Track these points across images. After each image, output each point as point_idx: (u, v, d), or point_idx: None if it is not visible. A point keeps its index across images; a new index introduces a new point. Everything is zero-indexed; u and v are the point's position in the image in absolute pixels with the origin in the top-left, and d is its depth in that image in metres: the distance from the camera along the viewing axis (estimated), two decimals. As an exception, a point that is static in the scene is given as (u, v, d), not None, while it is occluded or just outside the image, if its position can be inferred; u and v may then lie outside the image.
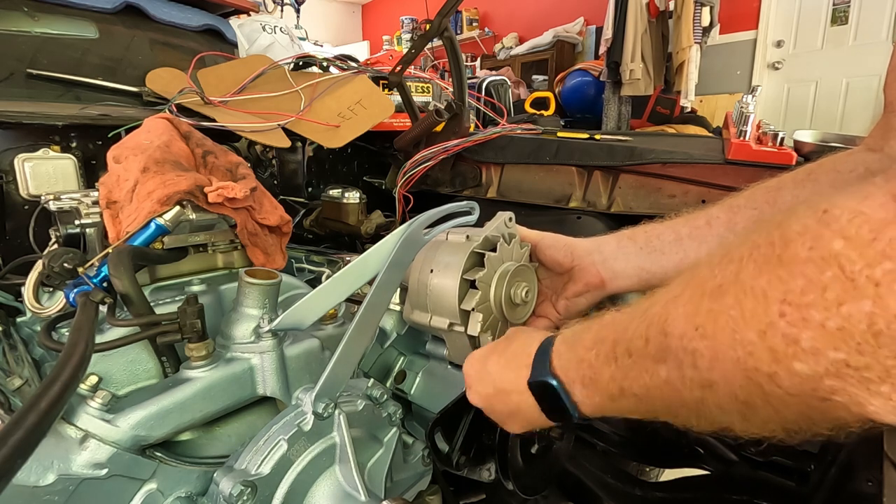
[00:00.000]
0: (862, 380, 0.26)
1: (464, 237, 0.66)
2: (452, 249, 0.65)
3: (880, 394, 0.26)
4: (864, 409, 0.27)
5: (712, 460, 0.90)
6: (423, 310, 0.67)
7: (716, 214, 0.65)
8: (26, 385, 0.61)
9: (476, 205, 0.68)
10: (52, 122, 0.99)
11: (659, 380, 0.37)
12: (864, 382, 0.26)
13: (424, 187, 1.39)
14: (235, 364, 0.58)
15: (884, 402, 0.26)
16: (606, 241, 0.70)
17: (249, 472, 0.49)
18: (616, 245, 0.69)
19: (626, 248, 0.68)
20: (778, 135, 1.04)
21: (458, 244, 0.66)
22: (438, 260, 0.65)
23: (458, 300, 0.63)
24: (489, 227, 0.68)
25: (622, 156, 1.14)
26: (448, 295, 0.63)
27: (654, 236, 0.67)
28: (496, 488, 0.80)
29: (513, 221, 0.70)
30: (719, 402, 0.34)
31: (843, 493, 0.66)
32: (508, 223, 0.69)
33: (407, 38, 6.66)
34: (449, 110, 1.30)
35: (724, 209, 0.65)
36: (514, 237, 0.69)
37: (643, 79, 3.84)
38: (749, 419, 0.34)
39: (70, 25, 1.39)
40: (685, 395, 0.36)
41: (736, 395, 0.32)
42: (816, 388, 0.28)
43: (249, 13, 2.18)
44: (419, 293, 0.66)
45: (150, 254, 0.66)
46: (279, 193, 1.44)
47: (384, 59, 2.22)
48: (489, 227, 0.68)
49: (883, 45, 3.68)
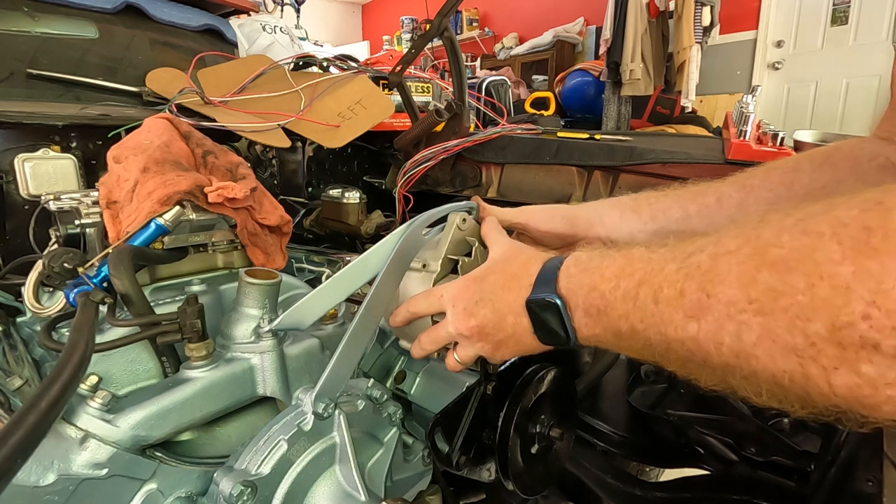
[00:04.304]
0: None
1: (420, 266, 0.61)
2: (413, 284, 0.61)
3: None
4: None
5: (712, 460, 0.90)
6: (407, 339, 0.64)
7: (728, 193, 0.62)
8: (26, 385, 0.61)
9: (476, 204, 0.68)
10: (52, 122, 0.99)
11: (685, 335, 0.34)
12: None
13: (424, 187, 1.39)
14: (235, 364, 0.58)
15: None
16: (608, 212, 0.66)
17: (249, 472, 0.49)
18: (619, 217, 0.65)
19: (629, 221, 0.64)
20: (778, 135, 1.04)
21: (417, 277, 0.61)
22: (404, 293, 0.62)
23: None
24: (444, 240, 0.61)
25: (622, 156, 1.14)
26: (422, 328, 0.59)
27: (660, 211, 0.64)
28: (496, 488, 0.81)
29: (467, 222, 0.62)
30: (751, 374, 0.31)
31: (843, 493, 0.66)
32: (462, 225, 0.62)
33: (407, 38, 6.66)
34: (449, 110, 1.30)
35: (736, 187, 0.62)
36: (474, 243, 0.62)
37: (643, 79, 3.85)
38: (773, 395, 0.31)
39: (70, 25, 1.39)
40: (712, 358, 0.33)
41: (773, 375, 0.29)
42: (871, 395, 0.25)
43: (249, 13, 2.18)
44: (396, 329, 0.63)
45: (150, 254, 0.66)
46: (279, 193, 1.44)
47: (384, 59, 2.22)
48: (444, 240, 0.61)
49: (883, 45, 3.68)
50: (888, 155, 0.58)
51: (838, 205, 0.28)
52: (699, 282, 0.33)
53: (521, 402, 0.64)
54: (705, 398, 0.88)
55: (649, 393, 0.98)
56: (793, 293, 0.27)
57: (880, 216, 0.25)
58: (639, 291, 0.37)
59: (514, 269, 0.50)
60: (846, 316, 0.25)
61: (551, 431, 0.68)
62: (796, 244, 0.28)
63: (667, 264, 0.36)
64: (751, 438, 0.85)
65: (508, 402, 0.64)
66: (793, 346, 0.27)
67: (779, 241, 0.29)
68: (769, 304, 0.28)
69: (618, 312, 0.39)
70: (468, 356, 0.55)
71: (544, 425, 0.68)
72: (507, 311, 0.48)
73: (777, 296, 0.28)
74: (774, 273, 0.28)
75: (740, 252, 0.31)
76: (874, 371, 0.25)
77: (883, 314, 0.24)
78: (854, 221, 0.26)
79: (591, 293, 0.41)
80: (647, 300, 0.37)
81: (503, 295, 0.49)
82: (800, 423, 0.83)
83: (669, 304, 0.35)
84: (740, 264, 0.31)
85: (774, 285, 0.28)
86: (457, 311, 0.52)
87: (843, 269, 0.25)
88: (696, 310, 0.33)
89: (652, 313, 0.36)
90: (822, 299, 0.26)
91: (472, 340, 0.52)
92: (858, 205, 0.27)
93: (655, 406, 0.95)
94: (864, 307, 0.24)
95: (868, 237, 0.25)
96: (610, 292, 0.40)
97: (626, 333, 0.39)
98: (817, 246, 0.27)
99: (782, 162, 0.63)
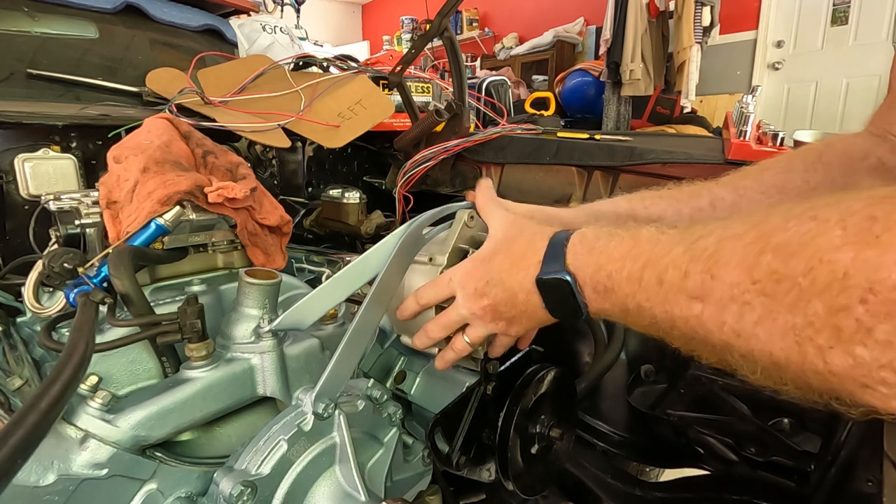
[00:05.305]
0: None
1: (426, 259, 0.61)
2: (419, 278, 0.62)
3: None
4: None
5: (712, 460, 0.90)
6: (409, 334, 0.64)
7: (720, 195, 0.63)
8: (26, 385, 0.61)
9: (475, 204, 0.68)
10: (52, 122, 0.99)
11: (689, 313, 0.35)
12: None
13: (424, 187, 1.39)
14: (235, 364, 0.58)
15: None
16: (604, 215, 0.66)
17: (249, 473, 0.49)
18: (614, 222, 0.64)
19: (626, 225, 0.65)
20: (778, 135, 1.04)
21: (423, 270, 0.61)
22: (410, 287, 0.62)
23: None
24: (452, 235, 0.61)
25: (622, 156, 1.14)
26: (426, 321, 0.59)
27: (655, 215, 0.64)
28: (496, 488, 0.81)
29: (475, 219, 0.63)
30: (749, 353, 0.32)
31: (843, 493, 0.66)
32: (470, 223, 0.63)
33: (407, 38, 6.66)
34: (449, 110, 1.30)
35: (728, 189, 0.63)
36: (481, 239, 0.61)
37: (643, 79, 3.85)
38: (769, 374, 0.32)
39: (70, 25, 1.39)
40: (713, 336, 0.34)
41: (771, 353, 0.30)
42: (866, 375, 0.26)
43: (249, 13, 2.18)
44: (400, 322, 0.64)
45: (150, 254, 0.66)
46: (279, 193, 1.44)
47: (384, 59, 2.22)
48: (452, 235, 0.61)
49: (883, 45, 3.68)
50: (880, 155, 0.58)
51: (849, 196, 0.29)
52: (704, 264, 0.34)
53: (521, 403, 0.64)
54: (705, 398, 0.88)
55: (649, 393, 0.98)
56: (794, 276, 0.28)
57: (887, 208, 0.26)
58: (643, 273, 0.38)
59: (521, 248, 0.50)
60: (844, 300, 0.26)
61: (551, 431, 0.68)
62: (801, 229, 0.29)
63: (674, 247, 0.37)
64: (751, 438, 0.85)
65: (508, 402, 0.64)
66: (792, 325, 0.28)
67: (785, 226, 0.30)
68: (771, 287, 0.29)
69: (624, 292, 0.40)
70: (480, 336, 0.55)
71: (544, 425, 0.68)
72: (517, 289, 0.49)
73: (779, 278, 0.29)
74: (777, 257, 0.29)
75: (746, 235, 0.32)
76: (868, 354, 0.26)
77: (879, 300, 0.25)
78: (861, 211, 0.27)
79: (597, 272, 0.43)
80: (651, 281, 0.38)
81: (513, 274, 0.49)
82: (800, 423, 0.83)
83: (674, 287, 0.36)
84: (745, 247, 0.31)
85: (777, 268, 0.29)
86: (467, 292, 0.53)
87: (842, 256, 0.26)
88: (699, 290, 0.34)
89: (657, 293, 0.37)
90: (822, 284, 0.27)
91: (485, 320, 0.53)
92: (868, 197, 0.27)
93: (655, 406, 0.95)
94: (861, 293, 0.25)
95: (871, 226, 0.26)
96: (616, 272, 0.41)
97: (633, 310, 0.40)
98: (821, 231, 0.28)
99: (775, 161, 0.64)
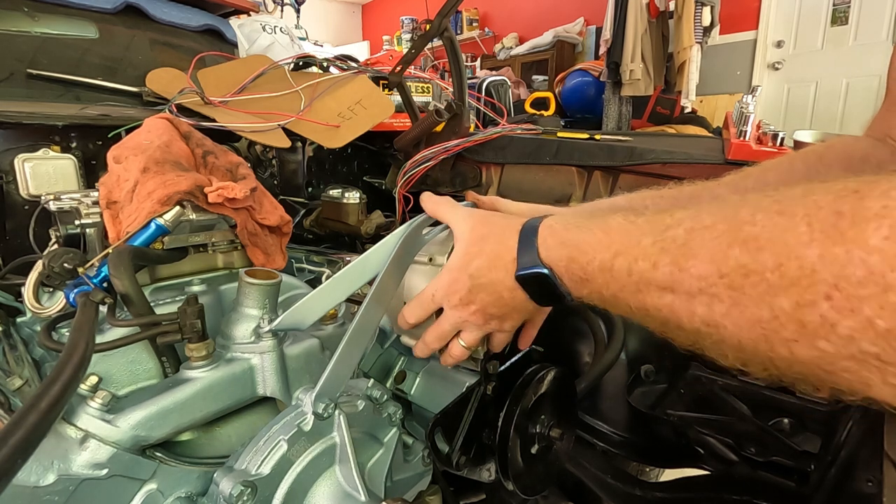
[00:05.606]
0: (881, 368, 0.25)
1: (426, 259, 0.61)
2: (419, 278, 0.62)
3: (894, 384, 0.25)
4: (869, 390, 0.26)
5: (712, 460, 0.90)
6: (411, 336, 0.64)
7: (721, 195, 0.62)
8: (26, 385, 0.61)
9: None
10: (52, 122, 0.99)
11: (661, 303, 0.36)
12: (883, 371, 0.25)
13: (424, 187, 1.39)
14: (235, 364, 0.58)
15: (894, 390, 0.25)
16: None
17: (249, 473, 0.49)
18: None
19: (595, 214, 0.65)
20: (778, 135, 1.04)
21: (423, 270, 0.62)
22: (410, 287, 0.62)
23: None
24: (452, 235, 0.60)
25: (622, 156, 1.14)
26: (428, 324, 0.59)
27: None
28: (496, 488, 0.81)
29: None
30: (719, 341, 0.33)
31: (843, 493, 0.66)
32: None
33: (407, 38, 6.66)
34: (449, 110, 1.30)
35: (729, 190, 0.63)
36: None
37: (643, 79, 3.85)
38: (742, 360, 0.33)
39: (70, 25, 1.39)
40: (685, 324, 0.34)
41: (740, 342, 0.31)
42: (831, 363, 0.27)
43: (249, 13, 2.18)
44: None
45: (150, 254, 0.66)
46: (279, 193, 1.44)
47: (384, 59, 2.22)
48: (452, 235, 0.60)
49: (883, 45, 3.68)
50: (880, 158, 0.58)
51: (816, 190, 0.29)
52: (673, 256, 0.34)
53: (521, 403, 0.64)
54: (705, 398, 0.88)
55: (649, 393, 0.98)
56: (762, 271, 0.28)
57: (853, 203, 0.26)
58: (614, 263, 0.39)
59: (494, 247, 0.50)
60: (809, 295, 0.26)
61: (551, 431, 0.68)
62: (769, 223, 0.29)
63: (643, 237, 0.37)
64: (751, 438, 0.85)
65: (508, 402, 0.64)
66: (758, 318, 0.29)
67: (753, 219, 0.30)
68: (738, 280, 0.30)
69: (598, 282, 0.41)
70: (475, 339, 0.56)
71: (544, 425, 0.68)
72: (501, 289, 0.49)
73: (747, 273, 0.29)
74: (746, 251, 0.29)
75: (715, 228, 0.32)
76: (832, 348, 0.26)
77: (843, 297, 0.25)
78: (828, 206, 0.27)
79: (571, 264, 0.43)
80: (622, 272, 0.38)
81: (493, 275, 0.50)
82: (800, 423, 0.83)
83: (643, 276, 0.36)
84: (714, 240, 0.32)
85: (745, 262, 0.29)
86: (453, 303, 0.53)
87: (810, 252, 0.26)
88: (668, 282, 0.35)
89: (628, 283, 0.38)
90: (789, 279, 0.27)
91: (478, 324, 0.54)
92: (835, 191, 0.27)
93: (655, 406, 0.95)
94: (826, 289, 0.26)
95: (837, 221, 0.26)
96: (588, 264, 0.41)
97: (609, 299, 0.41)
98: (788, 227, 0.28)
99: (776, 162, 0.64)
